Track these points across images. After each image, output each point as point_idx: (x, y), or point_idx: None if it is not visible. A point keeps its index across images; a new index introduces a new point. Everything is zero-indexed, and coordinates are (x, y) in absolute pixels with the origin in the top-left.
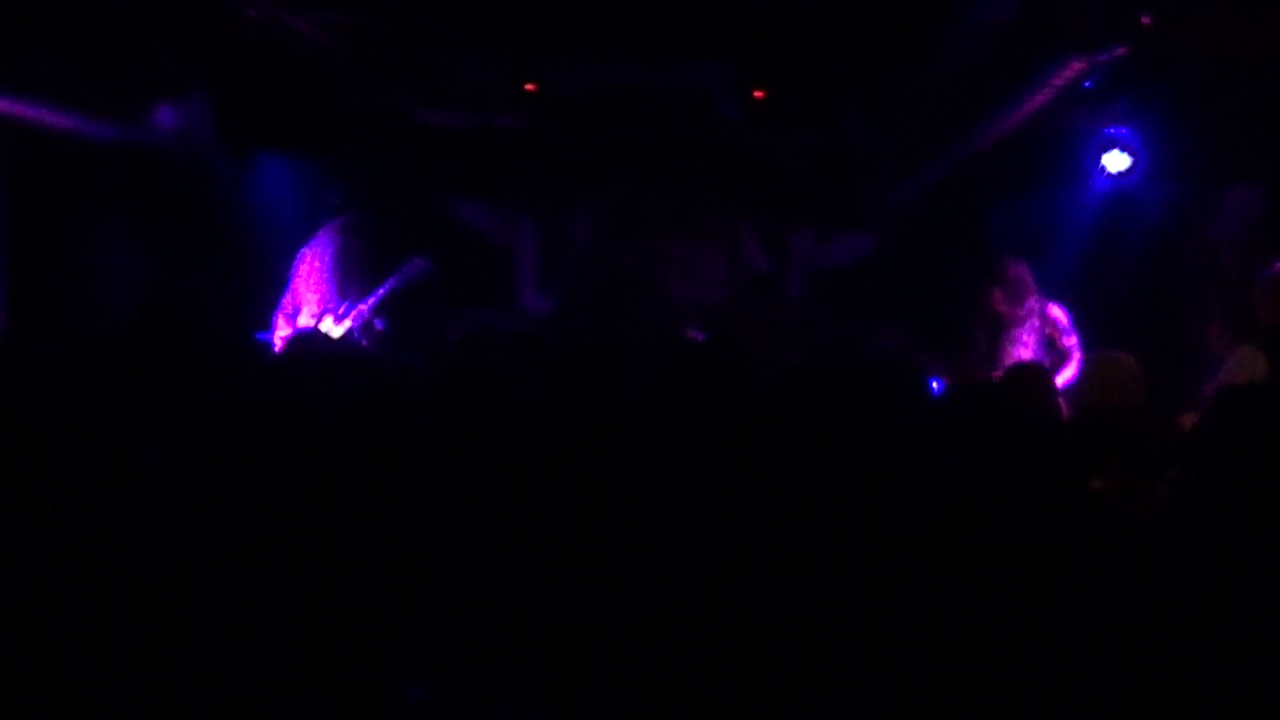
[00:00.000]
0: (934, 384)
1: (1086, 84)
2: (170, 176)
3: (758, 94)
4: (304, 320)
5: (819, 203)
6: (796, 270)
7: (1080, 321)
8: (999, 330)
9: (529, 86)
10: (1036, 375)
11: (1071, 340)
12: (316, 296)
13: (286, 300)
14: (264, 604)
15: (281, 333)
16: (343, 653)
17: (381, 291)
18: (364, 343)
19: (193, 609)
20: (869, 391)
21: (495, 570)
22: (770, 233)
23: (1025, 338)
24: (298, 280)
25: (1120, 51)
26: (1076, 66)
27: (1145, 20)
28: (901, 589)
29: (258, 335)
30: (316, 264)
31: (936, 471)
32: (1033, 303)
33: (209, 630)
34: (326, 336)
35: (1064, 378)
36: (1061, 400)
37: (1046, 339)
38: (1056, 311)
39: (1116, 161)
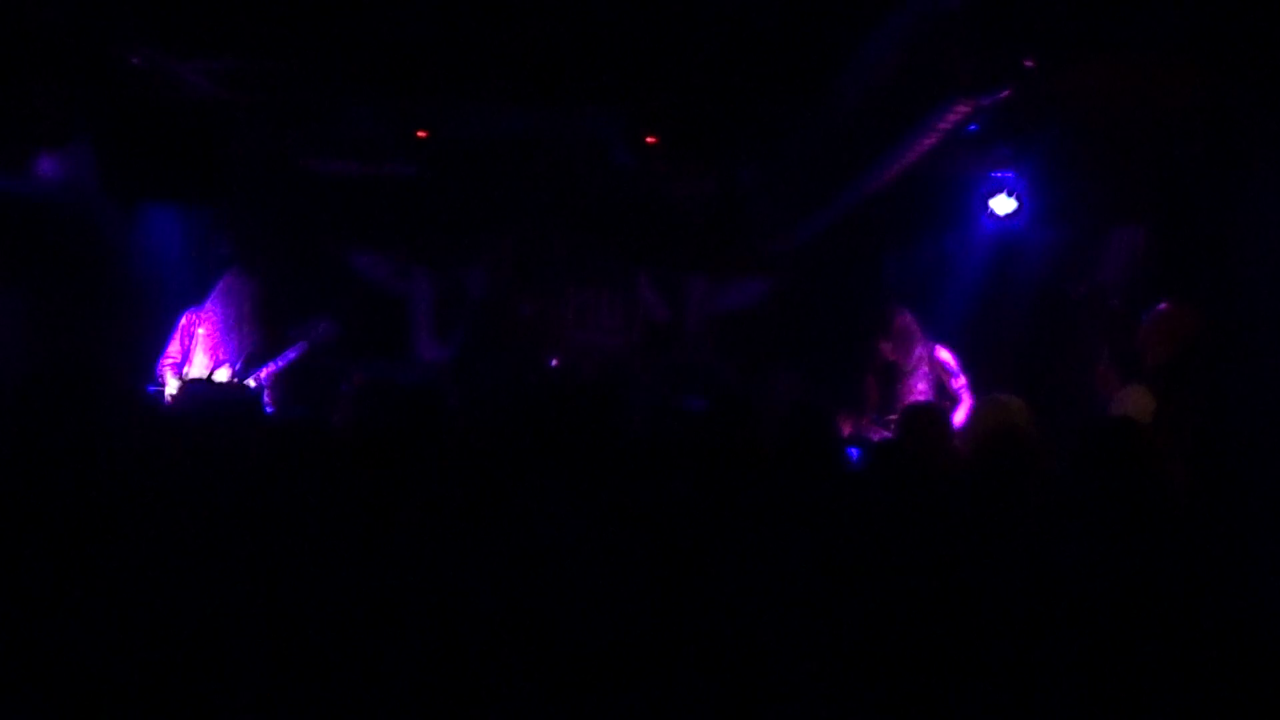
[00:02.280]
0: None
1: (972, 127)
2: (54, 228)
3: (650, 139)
4: (195, 373)
5: (714, 249)
6: (692, 316)
7: (971, 363)
8: (892, 378)
9: (420, 134)
10: (931, 415)
11: (960, 382)
12: (209, 349)
13: (175, 351)
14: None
15: (171, 386)
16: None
17: (293, 355)
18: (268, 400)
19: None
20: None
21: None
22: (666, 279)
23: (918, 385)
24: (191, 330)
25: (1004, 95)
26: (962, 110)
27: (1028, 64)
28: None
29: (148, 388)
30: (207, 316)
31: (833, 508)
32: (921, 350)
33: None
34: (222, 388)
35: (955, 419)
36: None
37: (937, 382)
38: (944, 354)
39: (1003, 205)
